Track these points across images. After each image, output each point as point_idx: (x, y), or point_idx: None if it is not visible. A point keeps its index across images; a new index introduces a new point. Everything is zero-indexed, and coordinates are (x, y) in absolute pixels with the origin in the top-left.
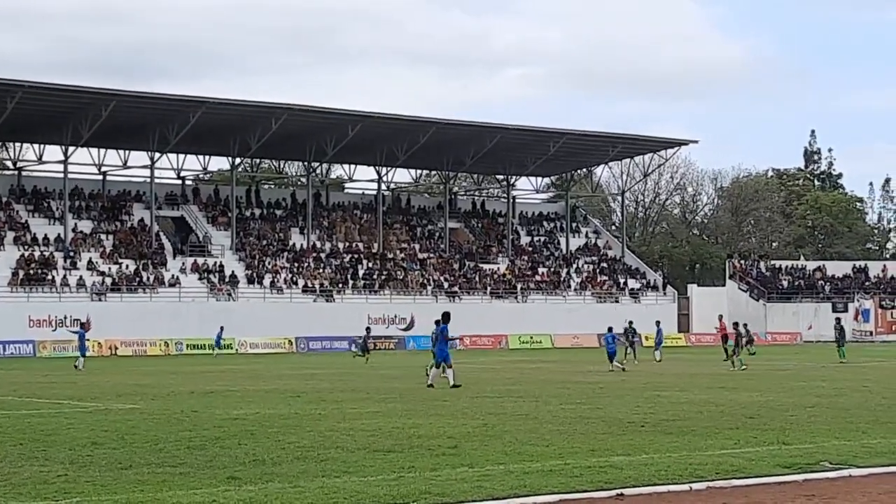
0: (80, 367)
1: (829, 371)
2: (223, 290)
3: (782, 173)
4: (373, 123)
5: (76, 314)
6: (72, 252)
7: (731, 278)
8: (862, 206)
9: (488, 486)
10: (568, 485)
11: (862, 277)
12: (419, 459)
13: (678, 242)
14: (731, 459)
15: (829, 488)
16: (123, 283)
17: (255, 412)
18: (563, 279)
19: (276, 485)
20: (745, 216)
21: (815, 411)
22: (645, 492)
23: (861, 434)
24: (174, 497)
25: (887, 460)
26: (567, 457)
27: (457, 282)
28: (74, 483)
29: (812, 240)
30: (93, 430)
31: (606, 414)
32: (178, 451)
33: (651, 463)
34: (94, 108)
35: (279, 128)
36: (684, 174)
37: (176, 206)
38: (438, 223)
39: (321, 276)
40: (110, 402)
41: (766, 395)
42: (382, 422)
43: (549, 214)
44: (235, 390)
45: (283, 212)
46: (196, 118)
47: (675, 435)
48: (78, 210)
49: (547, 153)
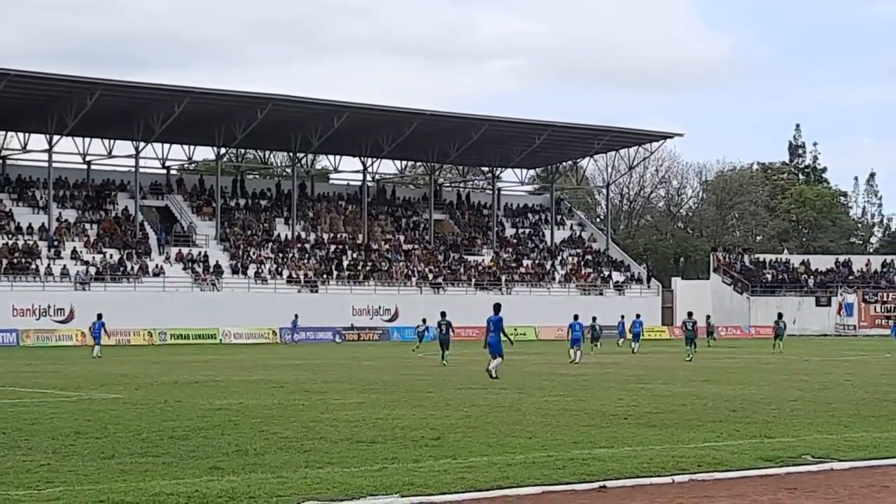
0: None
1: (811, 365)
2: (207, 280)
3: (767, 167)
4: (358, 114)
5: (60, 303)
6: (56, 241)
7: (716, 271)
8: (846, 200)
9: (471, 478)
10: (551, 477)
11: (845, 271)
12: (402, 451)
13: (663, 235)
14: (714, 452)
15: (811, 482)
16: (107, 272)
17: (238, 402)
18: (547, 271)
19: (259, 475)
20: (729, 209)
21: (798, 405)
22: (627, 484)
23: (843, 428)
24: (157, 487)
25: (869, 454)
26: (550, 449)
27: (441, 273)
28: (57, 472)
29: (796, 234)
30: (76, 419)
31: (590, 406)
32: (161, 441)
33: (634, 455)
34: (78, 96)
35: (264, 118)
36: (669, 167)
37: (161, 196)
38: (423, 214)
39: (306, 267)
40: (93, 392)
41: (748, 388)
42: (366, 413)
43: (534, 207)
44: (219, 380)
45: (267, 202)
46: (181, 108)
47: (658, 427)
48: (62, 199)
49: (532, 145)
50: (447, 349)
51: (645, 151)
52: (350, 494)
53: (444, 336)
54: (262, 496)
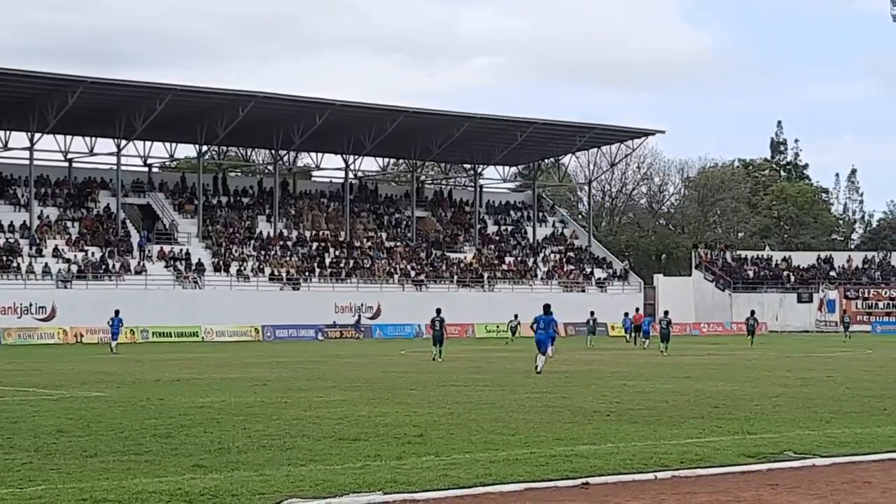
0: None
1: (793, 361)
2: (189, 277)
3: (749, 164)
4: (340, 111)
5: (41, 301)
6: (37, 239)
7: (697, 268)
8: (827, 196)
9: (454, 475)
10: (533, 473)
11: (827, 268)
12: (385, 448)
13: (645, 232)
14: (696, 449)
15: (793, 477)
16: (89, 270)
17: (220, 400)
18: (529, 268)
19: (241, 473)
20: (711, 206)
21: (780, 401)
22: (610, 481)
23: (825, 424)
24: (139, 485)
25: (850, 450)
26: (533, 445)
27: (423, 270)
28: (39, 471)
29: (778, 230)
30: (58, 417)
31: (572, 403)
32: (143, 439)
33: (616, 452)
34: (60, 94)
35: (246, 115)
36: (651, 164)
37: (142, 194)
38: (405, 212)
39: (288, 265)
40: (76, 390)
41: (731, 384)
42: (348, 410)
43: (516, 203)
44: (201, 378)
45: (249, 199)
46: (162, 105)
47: (641, 424)
48: (44, 197)
49: (514, 142)
50: (441, 345)
51: (627, 148)
52: (333, 492)
53: (439, 332)
54: (245, 494)
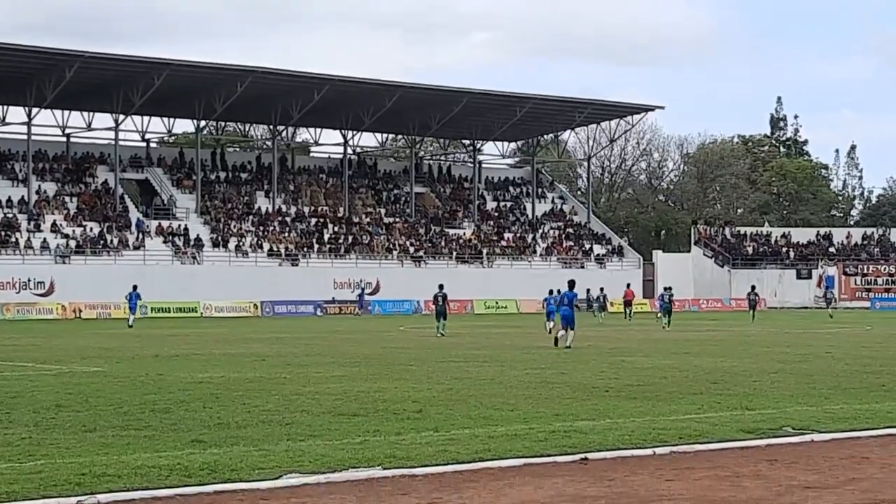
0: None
1: (792, 337)
2: (188, 253)
3: (748, 140)
4: (338, 87)
5: (40, 277)
6: (35, 214)
7: (697, 244)
8: (827, 173)
9: (453, 450)
10: (532, 449)
11: (826, 244)
12: (384, 423)
13: (644, 208)
14: (695, 424)
15: (792, 453)
16: (87, 245)
17: (220, 376)
18: (528, 244)
19: (241, 448)
20: (710, 182)
21: (779, 377)
22: (609, 456)
23: (823, 400)
24: (139, 460)
25: (849, 426)
26: (532, 421)
27: (422, 246)
28: (39, 445)
29: (777, 206)
30: (57, 392)
31: (571, 379)
32: (142, 415)
33: (615, 428)
34: (57, 69)
35: (244, 91)
36: (650, 140)
37: (140, 169)
38: (404, 188)
39: (286, 240)
40: (75, 365)
41: (729, 360)
42: (347, 386)
43: (515, 179)
44: (200, 354)
45: (248, 175)
46: (161, 80)
47: (639, 400)
48: (41, 172)
49: (513, 118)
50: (444, 320)
51: (626, 124)
52: (332, 467)
53: (441, 308)
54: (245, 469)
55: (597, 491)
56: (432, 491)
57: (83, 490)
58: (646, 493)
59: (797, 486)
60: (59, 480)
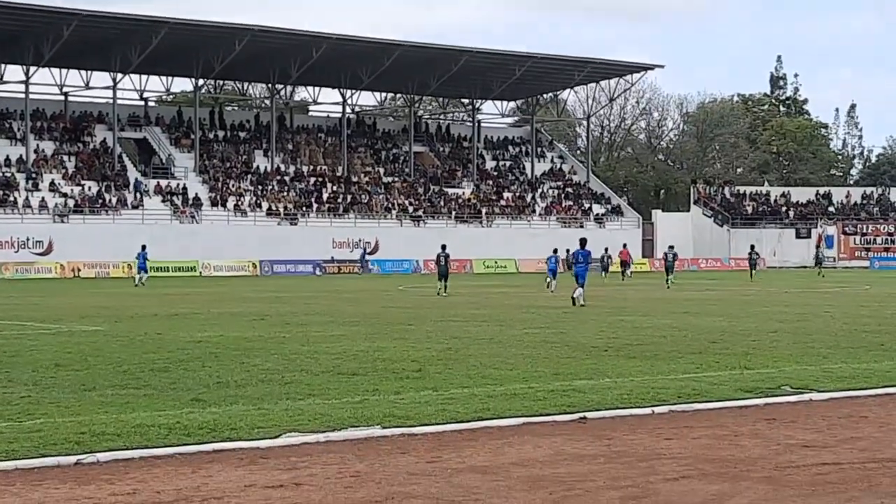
0: (142, 282)
1: (791, 296)
2: (187, 212)
3: (748, 99)
4: (337, 45)
5: (38, 236)
6: (34, 173)
7: (696, 204)
8: (827, 132)
9: (452, 410)
10: (531, 408)
11: (825, 203)
12: (383, 382)
13: (643, 168)
14: (694, 384)
15: (790, 412)
16: (86, 204)
17: (219, 335)
18: (527, 204)
19: (240, 407)
20: (710, 141)
21: (777, 336)
22: (608, 415)
23: (822, 359)
24: (138, 419)
25: (847, 385)
26: (531, 380)
27: (421, 206)
28: (38, 404)
29: (776, 165)
30: (56, 351)
31: (570, 338)
32: (141, 373)
33: (614, 387)
34: (55, 27)
35: (242, 49)
36: (650, 99)
37: (139, 128)
38: (403, 147)
39: (285, 200)
40: (73, 324)
41: (728, 320)
42: (347, 345)
43: (515, 139)
44: (199, 313)
45: (246, 134)
46: (159, 39)
47: (638, 359)
48: (39, 131)
49: (512, 77)
50: (446, 280)
51: (625, 83)
52: (331, 426)
53: (444, 267)
54: (244, 428)
55: (595, 450)
56: (431, 450)
57: (82, 449)
58: (644, 451)
59: (795, 444)
60: (58, 439)
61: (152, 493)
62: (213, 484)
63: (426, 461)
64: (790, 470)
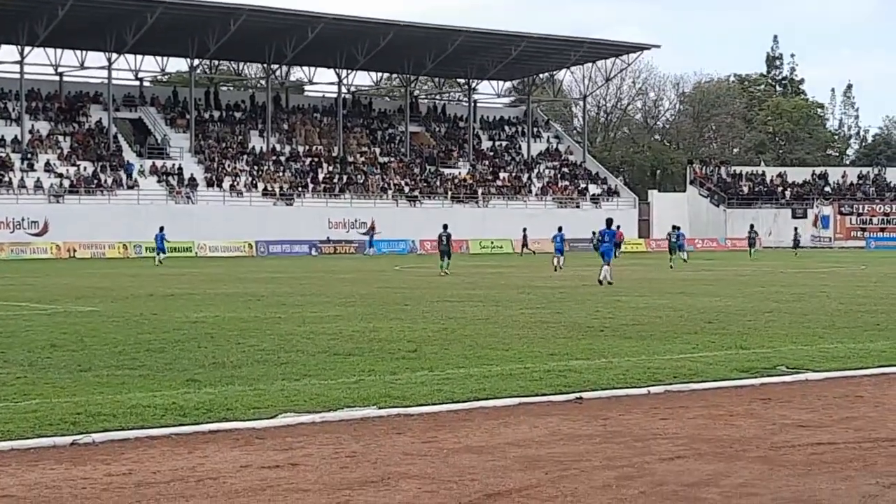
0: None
1: (787, 276)
2: (182, 193)
3: (744, 79)
4: (332, 25)
5: (34, 216)
6: (29, 154)
7: (692, 184)
8: (823, 112)
9: (448, 390)
10: (527, 388)
11: (822, 183)
12: (379, 363)
13: (640, 148)
14: (690, 364)
15: (786, 392)
16: (81, 185)
17: (214, 315)
18: (523, 184)
19: (236, 387)
20: (706, 122)
21: (773, 316)
22: (604, 395)
23: (818, 339)
24: (134, 399)
25: (843, 364)
26: (527, 360)
27: (417, 186)
28: (34, 385)
29: (773, 146)
30: (52, 332)
31: (566, 318)
32: (137, 354)
33: (610, 367)
34: (50, 7)
35: (238, 29)
36: (646, 79)
37: (134, 108)
38: (399, 127)
39: (281, 180)
40: (69, 305)
41: (724, 300)
42: (343, 325)
43: (511, 119)
44: (195, 294)
45: (242, 114)
46: (154, 18)
47: (634, 339)
48: (35, 111)
49: (508, 57)
50: (448, 259)
51: (622, 63)
52: (327, 406)
53: (445, 247)
54: (240, 408)
55: (591, 430)
56: (427, 430)
57: (78, 429)
58: (640, 431)
59: (791, 424)
60: (53, 420)
61: (148, 473)
62: (209, 464)
63: (422, 441)
64: (785, 450)
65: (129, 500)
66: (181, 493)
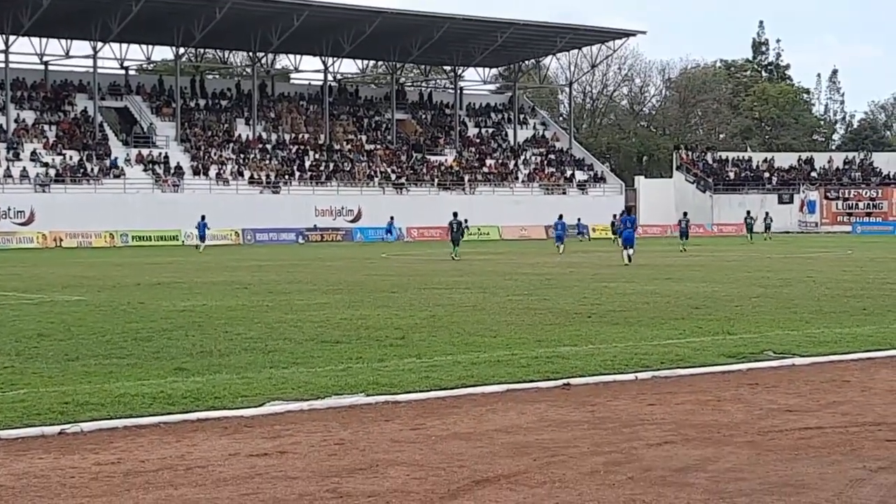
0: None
1: (774, 262)
2: (169, 181)
3: (730, 64)
4: (318, 12)
5: (20, 206)
6: (14, 143)
7: (679, 170)
8: (809, 97)
9: (435, 377)
10: (515, 375)
11: (808, 169)
12: (367, 350)
13: (626, 134)
14: (677, 349)
15: (773, 377)
16: (67, 174)
17: (202, 304)
18: (510, 171)
19: (223, 376)
20: (692, 107)
21: (760, 301)
22: (591, 381)
23: (804, 324)
24: (121, 388)
25: (829, 349)
26: (514, 347)
27: (404, 173)
28: (21, 374)
29: (759, 131)
30: (39, 321)
31: (553, 305)
32: (125, 343)
33: (597, 353)
34: None
35: (223, 17)
36: (632, 65)
37: (119, 97)
38: (385, 114)
39: (267, 168)
40: (56, 294)
41: (711, 285)
42: (330, 313)
43: (497, 106)
44: (182, 282)
45: (228, 102)
46: (139, 6)
47: (622, 325)
48: (20, 100)
49: (494, 44)
50: (458, 245)
51: (608, 49)
52: (315, 394)
53: (456, 234)
54: (228, 396)
55: (579, 416)
56: (415, 417)
57: (66, 419)
58: (628, 417)
59: (778, 409)
60: (41, 409)
61: (137, 462)
62: (198, 453)
63: (410, 428)
64: (773, 434)
65: (117, 489)
66: (170, 481)
